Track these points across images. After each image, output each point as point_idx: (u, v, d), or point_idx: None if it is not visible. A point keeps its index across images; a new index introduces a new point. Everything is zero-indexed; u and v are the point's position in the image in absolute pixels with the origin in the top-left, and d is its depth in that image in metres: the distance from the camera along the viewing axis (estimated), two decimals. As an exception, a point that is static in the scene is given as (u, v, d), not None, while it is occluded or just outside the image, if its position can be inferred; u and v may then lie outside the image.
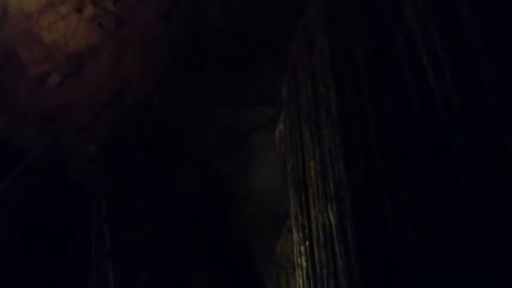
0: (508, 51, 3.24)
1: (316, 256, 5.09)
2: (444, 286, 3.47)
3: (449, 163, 3.51)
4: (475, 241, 3.27)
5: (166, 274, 9.16)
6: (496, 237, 3.11)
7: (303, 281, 5.32)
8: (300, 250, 5.53)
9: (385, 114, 4.30)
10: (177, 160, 9.72)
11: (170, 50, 9.32)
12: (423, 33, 3.90)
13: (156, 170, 9.56)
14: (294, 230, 5.82)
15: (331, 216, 4.85)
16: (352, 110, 4.77)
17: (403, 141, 4.06)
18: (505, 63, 3.23)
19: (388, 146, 4.18)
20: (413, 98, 3.96)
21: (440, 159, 3.63)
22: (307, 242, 5.34)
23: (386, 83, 4.37)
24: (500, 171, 3.17)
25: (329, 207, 4.90)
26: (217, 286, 9.10)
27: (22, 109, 9.27)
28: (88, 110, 9.51)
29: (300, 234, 5.56)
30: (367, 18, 4.82)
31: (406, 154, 4.01)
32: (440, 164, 3.64)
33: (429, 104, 3.76)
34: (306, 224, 5.45)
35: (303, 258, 5.40)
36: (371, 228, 4.20)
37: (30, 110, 9.32)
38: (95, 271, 8.52)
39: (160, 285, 9.09)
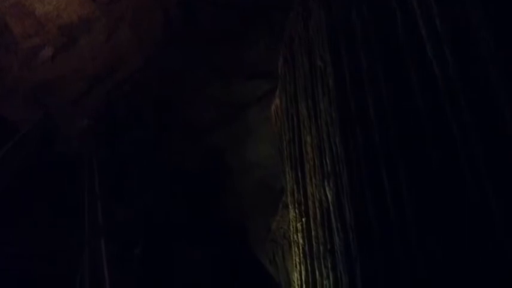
0: (509, 24, 3.16)
1: (313, 233, 5.04)
2: (442, 262, 3.44)
3: (449, 138, 3.45)
4: (474, 218, 3.23)
5: (160, 251, 9.15)
6: (494, 216, 3.07)
7: (300, 259, 5.28)
8: (296, 227, 5.48)
9: (383, 89, 4.23)
10: (171, 137, 9.66)
11: (164, 25, 9.21)
12: (421, 5, 3.81)
13: (149, 147, 9.51)
14: (290, 206, 5.77)
15: (328, 193, 4.79)
16: (349, 84, 4.69)
17: (402, 116, 3.99)
18: (506, 36, 3.16)
19: (387, 120, 4.11)
20: (411, 71, 3.89)
21: (439, 134, 3.57)
22: (303, 219, 5.30)
23: (385, 57, 4.29)
24: (500, 146, 3.11)
25: (326, 184, 4.85)
26: (212, 263, 9.09)
27: (13, 82, 9.19)
28: (80, 83, 9.43)
29: (297, 211, 5.51)
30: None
31: (405, 129, 3.94)
32: (439, 137, 3.58)
33: (428, 77, 3.69)
34: (302, 200, 5.40)
35: (300, 235, 5.35)
36: (369, 205, 4.15)
37: (21, 83, 9.24)
38: (87, 247, 8.49)
39: (154, 263, 9.08)
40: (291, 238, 5.76)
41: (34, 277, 8.55)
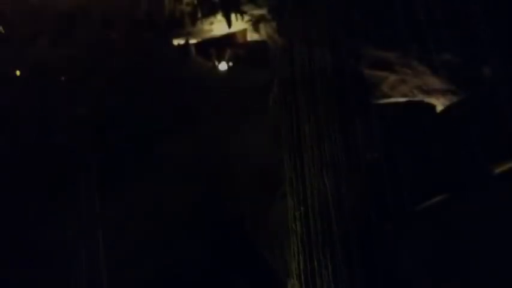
0: (509, 15, 3.16)
1: (311, 222, 5.03)
2: (441, 255, 3.45)
3: (449, 128, 3.45)
4: (473, 214, 3.24)
5: (158, 244, 9.12)
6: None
7: (298, 248, 5.27)
8: (294, 216, 5.47)
9: (383, 78, 4.22)
10: (169, 126, 9.63)
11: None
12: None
13: (146, 138, 9.48)
14: (289, 195, 5.75)
15: (326, 182, 4.78)
16: (348, 72, 4.68)
17: (401, 105, 4.00)
18: (505, 26, 3.16)
19: (386, 109, 4.11)
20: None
21: (438, 123, 3.58)
22: (302, 208, 5.28)
23: (384, 46, 4.29)
24: (499, 140, 3.12)
25: (324, 173, 4.84)
26: (212, 255, 9.07)
27: (10, 70, 9.17)
28: (77, 71, 9.40)
29: (295, 200, 5.49)
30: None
31: (404, 119, 3.95)
32: (439, 128, 3.59)
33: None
34: (300, 189, 5.38)
35: (298, 224, 5.34)
36: (368, 195, 4.15)
37: (18, 71, 9.22)
38: (83, 240, 8.48)
39: (153, 254, 9.05)
40: (290, 227, 5.75)
41: (31, 270, 8.56)
